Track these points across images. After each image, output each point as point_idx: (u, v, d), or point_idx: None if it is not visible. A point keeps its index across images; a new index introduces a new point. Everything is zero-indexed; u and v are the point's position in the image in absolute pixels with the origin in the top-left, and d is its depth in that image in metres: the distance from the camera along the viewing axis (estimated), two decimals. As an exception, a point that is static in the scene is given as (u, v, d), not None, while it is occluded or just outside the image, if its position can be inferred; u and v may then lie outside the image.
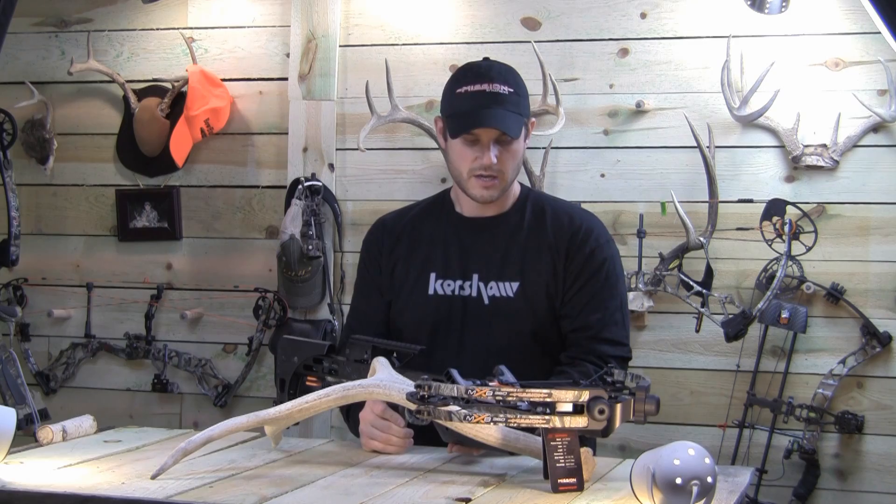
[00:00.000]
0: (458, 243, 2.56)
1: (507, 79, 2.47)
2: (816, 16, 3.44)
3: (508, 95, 2.45)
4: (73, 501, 1.90)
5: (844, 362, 3.38)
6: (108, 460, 2.19)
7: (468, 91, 2.46)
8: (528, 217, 2.55)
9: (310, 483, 2.03)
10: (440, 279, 2.54)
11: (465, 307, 2.51)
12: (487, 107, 2.43)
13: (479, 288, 2.51)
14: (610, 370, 2.04)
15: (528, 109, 2.53)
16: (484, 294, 2.50)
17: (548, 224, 2.53)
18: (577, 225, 2.52)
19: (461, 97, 2.47)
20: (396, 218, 2.69)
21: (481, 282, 2.51)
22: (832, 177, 3.43)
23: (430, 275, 2.54)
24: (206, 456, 2.20)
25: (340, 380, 2.35)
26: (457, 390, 1.92)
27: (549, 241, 2.51)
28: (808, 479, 3.39)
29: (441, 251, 2.56)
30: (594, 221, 2.58)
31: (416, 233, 2.61)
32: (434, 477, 2.10)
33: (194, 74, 3.82)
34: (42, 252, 4.06)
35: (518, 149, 2.49)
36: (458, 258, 2.54)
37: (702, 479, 1.78)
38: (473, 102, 2.44)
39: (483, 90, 2.44)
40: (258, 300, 3.83)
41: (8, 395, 3.64)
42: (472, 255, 2.54)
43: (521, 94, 2.49)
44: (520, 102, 2.48)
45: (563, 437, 1.97)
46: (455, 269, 2.53)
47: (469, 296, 2.51)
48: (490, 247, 2.53)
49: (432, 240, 2.58)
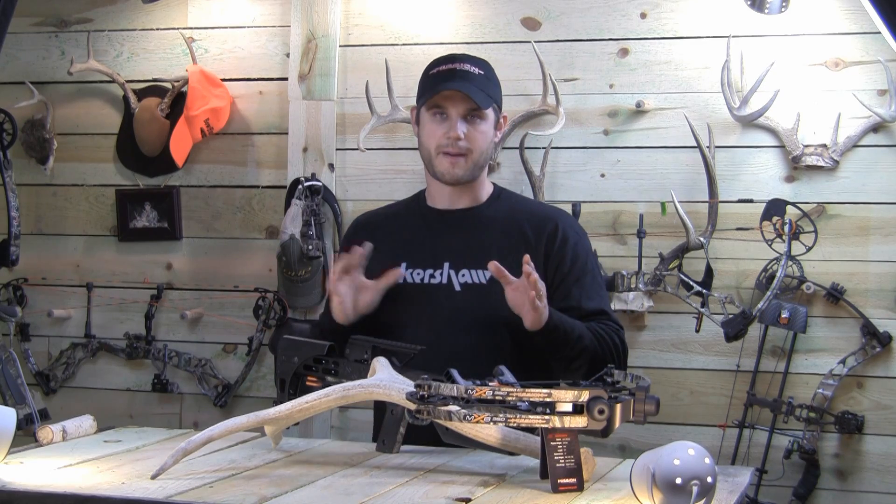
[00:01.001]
0: (429, 234, 2.63)
1: (478, 64, 2.59)
2: (816, 16, 3.44)
3: (478, 76, 2.56)
4: (73, 501, 1.90)
5: (844, 362, 3.38)
6: (108, 460, 2.19)
7: (439, 71, 2.58)
8: (502, 211, 2.63)
9: (310, 483, 2.03)
10: (410, 268, 2.59)
11: (435, 294, 2.55)
12: (455, 79, 2.54)
13: (451, 276, 2.56)
14: (609, 370, 2.04)
15: (500, 99, 2.62)
16: (455, 281, 2.55)
17: (522, 219, 2.60)
18: (551, 221, 2.60)
19: (431, 77, 2.58)
20: (371, 215, 2.78)
21: (452, 269, 2.56)
22: (832, 177, 3.43)
23: (402, 265, 2.58)
24: (206, 456, 2.20)
25: (340, 380, 2.35)
26: (456, 390, 1.92)
27: (526, 235, 2.57)
28: (808, 479, 3.39)
29: (412, 242, 2.62)
30: (566, 217, 2.67)
31: (389, 227, 2.68)
32: (434, 477, 2.10)
33: (194, 74, 3.82)
34: (42, 252, 4.06)
35: (486, 130, 2.57)
36: (429, 248, 2.60)
37: (702, 479, 1.78)
38: (442, 78, 2.55)
39: (453, 68, 2.56)
40: (258, 300, 3.83)
41: (8, 395, 3.64)
42: (442, 244, 2.60)
43: (492, 81, 2.60)
44: (490, 86, 2.58)
45: (563, 437, 1.97)
46: (426, 258, 2.59)
47: (440, 283, 2.56)
48: (462, 237, 2.59)
49: (404, 232, 2.65)
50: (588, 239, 2.69)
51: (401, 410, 2.25)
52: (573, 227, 2.65)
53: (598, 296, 2.59)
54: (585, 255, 2.62)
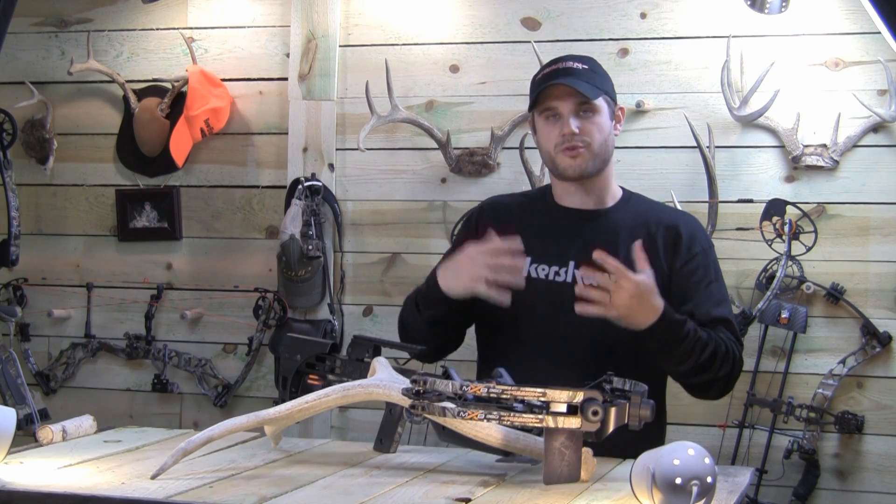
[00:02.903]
0: (557, 230, 2.60)
1: (582, 60, 2.59)
2: (816, 16, 3.44)
3: (582, 70, 2.55)
4: (73, 501, 1.90)
5: (844, 362, 3.38)
6: (108, 460, 2.20)
7: (544, 74, 2.58)
8: (631, 215, 2.60)
9: (310, 483, 2.03)
10: (535, 263, 2.56)
11: (558, 292, 2.52)
12: (560, 77, 2.53)
13: (575, 275, 2.53)
14: (609, 377, 2.04)
15: (612, 90, 2.61)
16: (580, 281, 2.49)
17: (651, 224, 2.58)
18: (680, 226, 2.58)
19: (537, 81, 2.59)
20: (499, 201, 2.77)
21: (577, 269, 2.53)
22: (832, 177, 3.43)
23: (526, 259, 2.55)
24: (206, 456, 2.20)
25: (342, 378, 2.35)
26: (451, 387, 1.93)
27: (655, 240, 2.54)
28: (807, 479, 3.39)
29: (539, 237, 2.59)
30: (695, 224, 2.65)
31: (517, 218, 2.65)
32: (434, 477, 2.10)
33: (194, 74, 3.82)
34: (42, 252, 4.06)
35: (601, 122, 2.55)
36: (556, 244, 2.57)
37: (702, 479, 1.78)
38: (547, 79, 2.55)
39: (556, 68, 2.57)
40: (258, 300, 3.83)
41: (8, 395, 3.64)
42: (569, 242, 2.57)
43: (598, 73, 2.59)
44: (596, 77, 2.56)
45: (564, 437, 1.97)
46: (551, 255, 2.56)
47: (564, 281, 2.53)
48: (589, 237, 2.54)
49: (531, 226, 2.61)
50: (714, 248, 2.66)
51: (399, 410, 2.26)
52: (701, 234, 2.64)
53: (724, 304, 2.57)
54: (711, 262, 2.60)
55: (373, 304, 3.78)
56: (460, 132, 3.68)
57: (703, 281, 2.55)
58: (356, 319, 3.79)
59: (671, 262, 2.54)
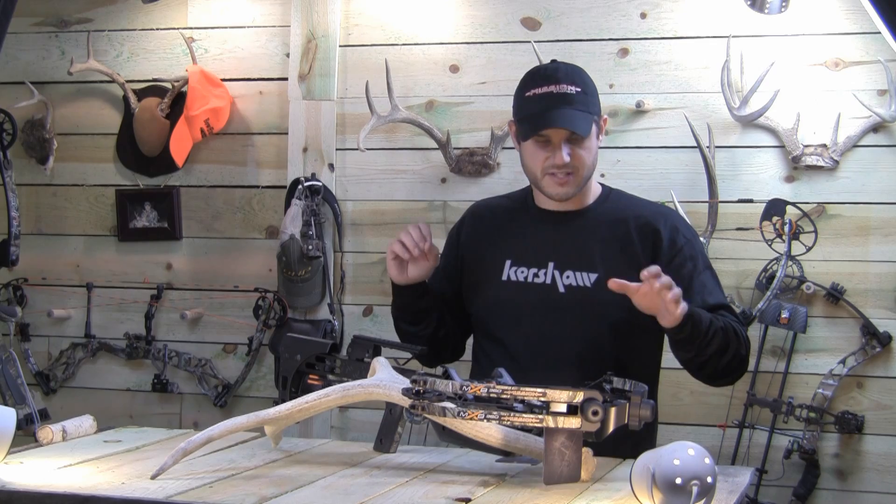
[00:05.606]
0: (536, 233, 2.60)
1: (575, 79, 2.54)
2: (816, 16, 3.44)
3: (576, 95, 2.51)
4: (73, 501, 1.90)
5: (844, 362, 3.39)
6: (108, 460, 2.20)
7: (536, 94, 2.53)
8: (609, 213, 2.60)
9: (310, 483, 2.03)
10: (514, 266, 2.57)
11: (538, 294, 2.53)
12: (556, 107, 2.49)
13: (555, 276, 2.54)
14: (609, 377, 2.04)
15: (599, 107, 2.59)
16: (559, 282, 2.52)
17: (629, 221, 2.57)
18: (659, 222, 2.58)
19: (530, 100, 2.53)
20: (483, 205, 2.78)
21: (556, 270, 2.54)
22: (832, 177, 3.43)
23: (506, 261, 2.58)
24: (206, 456, 2.20)
25: (342, 378, 2.36)
26: (451, 386, 1.93)
27: (631, 237, 2.54)
28: (808, 479, 3.39)
29: (518, 239, 2.60)
30: (675, 217, 2.65)
31: (497, 220, 2.67)
32: (434, 477, 2.10)
33: (194, 74, 3.82)
34: (42, 252, 4.06)
35: (590, 146, 2.54)
36: (535, 246, 2.58)
37: (702, 479, 1.78)
38: (542, 104, 2.51)
39: (551, 92, 2.51)
40: (258, 300, 3.83)
41: (8, 395, 3.64)
42: (548, 244, 2.58)
43: (590, 93, 2.56)
44: (588, 101, 2.53)
45: (564, 437, 1.97)
46: (530, 257, 2.57)
47: (543, 283, 2.54)
48: (568, 238, 2.56)
49: (511, 228, 2.63)
50: (698, 237, 2.66)
51: (399, 410, 2.26)
52: (682, 224, 2.63)
53: (717, 290, 2.57)
54: (698, 252, 2.60)
55: (373, 304, 3.78)
56: (460, 132, 3.68)
57: (694, 272, 2.55)
58: (356, 319, 3.79)
59: (653, 257, 2.53)
